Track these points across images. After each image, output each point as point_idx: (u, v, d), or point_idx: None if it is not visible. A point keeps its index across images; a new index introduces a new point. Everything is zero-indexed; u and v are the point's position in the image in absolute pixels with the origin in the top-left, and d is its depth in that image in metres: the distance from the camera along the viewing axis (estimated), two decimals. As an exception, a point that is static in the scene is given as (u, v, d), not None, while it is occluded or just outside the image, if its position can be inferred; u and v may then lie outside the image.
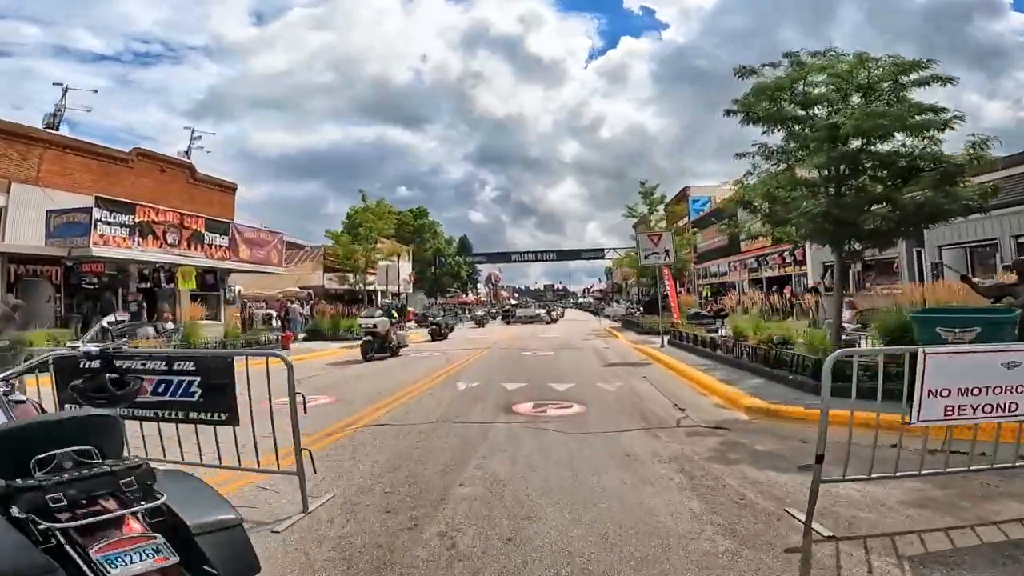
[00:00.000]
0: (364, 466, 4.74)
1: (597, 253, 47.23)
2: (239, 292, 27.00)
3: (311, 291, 31.63)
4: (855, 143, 9.31)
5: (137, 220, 16.50)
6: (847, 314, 13.39)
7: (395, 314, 15.61)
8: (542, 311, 35.41)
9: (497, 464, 4.66)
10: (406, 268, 41.25)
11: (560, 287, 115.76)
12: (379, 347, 13.77)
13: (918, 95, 8.91)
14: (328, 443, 5.53)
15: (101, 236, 15.54)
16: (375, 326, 13.88)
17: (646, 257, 14.63)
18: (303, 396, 3.75)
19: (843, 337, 10.67)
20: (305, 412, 3.62)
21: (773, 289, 25.32)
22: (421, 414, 6.81)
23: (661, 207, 29.26)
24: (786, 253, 23.70)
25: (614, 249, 47.49)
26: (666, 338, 14.82)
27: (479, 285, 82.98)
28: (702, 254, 34.70)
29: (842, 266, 10.03)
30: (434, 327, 21.85)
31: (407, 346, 15.42)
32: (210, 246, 18.89)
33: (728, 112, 10.43)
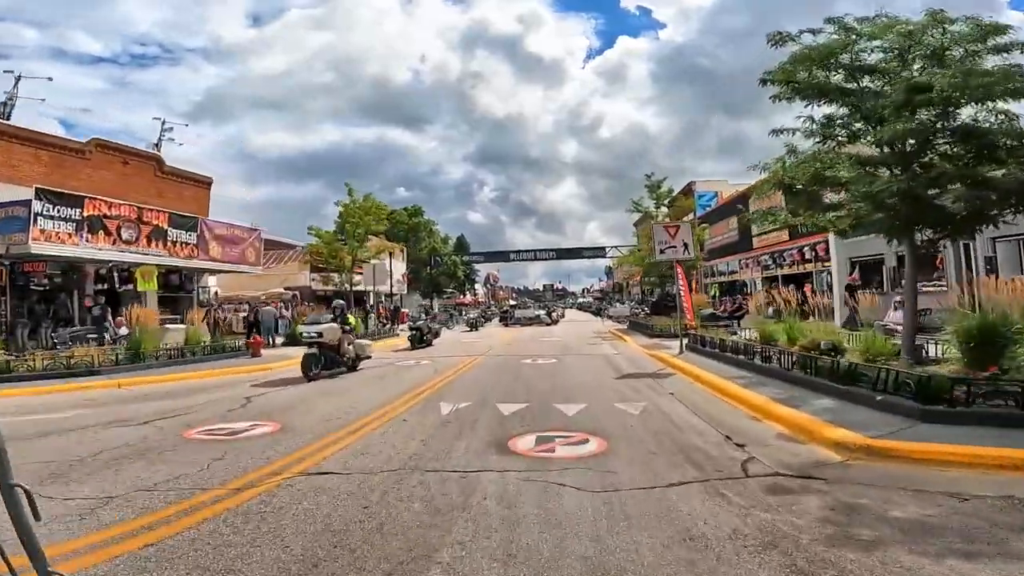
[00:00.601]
0: (263, 555, 2.91)
1: (598, 251, 45.46)
2: (215, 294, 25.17)
3: (296, 292, 29.81)
4: (925, 114, 7.69)
5: (86, 214, 14.66)
6: (901, 315, 11.59)
7: (351, 319, 12.52)
8: (542, 312, 33.45)
9: (481, 562, 2.82)
10: (399, 268, 39.39)
11: (559, 287, 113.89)
12: (328, 361, 11.02)
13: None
14: (232, 504, 3.71)
15: (42, 232, 13.69)
16: (321, 335, 10.91)
17: (662, 251, 12.79)
18: (24, 490, 1.83)
19: (898, 341, 8.93)
20: (38, 518, 1.66)
21: (790, 287, 23.54)
22: (383, 455, 4.96)
23: (667, 202, 27.49)
24: (806, 248, 21.88)
25: (616, 247, 45.75)
26: (683, 342, 12.98)
27: (477, 286, 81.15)
28: (709, 251, 32.89)
29: (915, 258, 8.30)
30: (414, 332, 18.52)
31: (368, 357, 12.48)
32: (174, 243, 17.04)
33: (764, 82, 8.82)
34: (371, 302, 37.30)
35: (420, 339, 18.32)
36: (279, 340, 20.18)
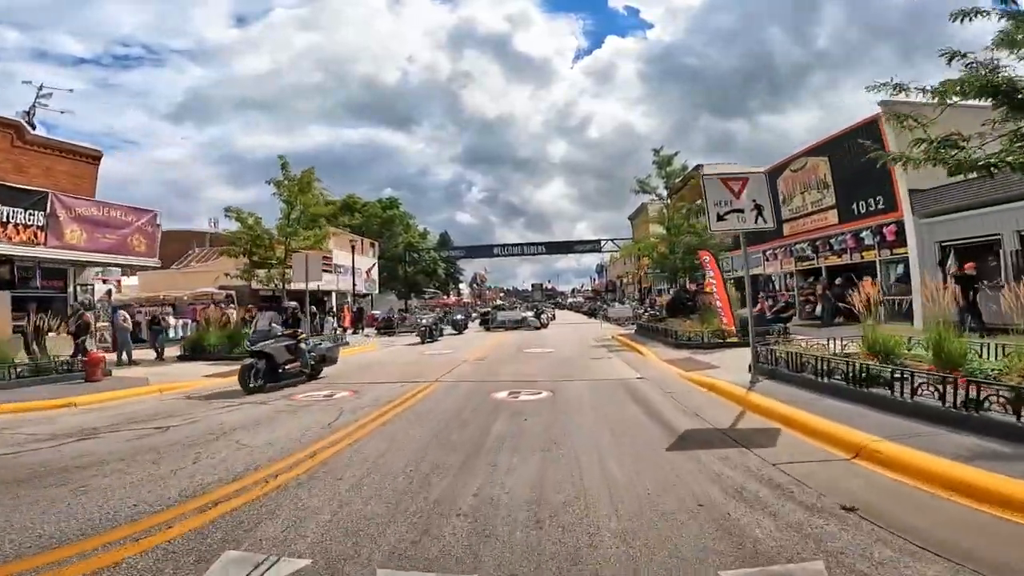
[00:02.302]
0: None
1: (593, 245, 40.92)
2: (108, 293, 20.01)
3: (232, 292, 24.76)
4: None
5: None
6: None
7: None
8: (529, 314, 28.38)
9: None
10: (364, 263, 34.30)
11: (549, 287, 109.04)
12: None
13: None
14: None
15: None
16: None
17: (720, 217, 7.92)
18: None
19: None
20: None
21: (836, 282, 18.95)
22: None
23: (680, 180, 22.76)
24: (865, 232, 17.20)
25: (612, 240, 41.15)
26: (754, 360, 8.12)
27: (461, 285, 76.11)
28: (720, 242, 28.19)
29: None
30: (249, 366, 8.91)
31: None
32: (3, 225, 11.97)
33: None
34: (331, 303, 32.24)
35: (273, 375, 9.16)
36: (173, 353, 15.14)
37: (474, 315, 35.39)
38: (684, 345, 13.33)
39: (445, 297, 62.24)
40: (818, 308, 17.91)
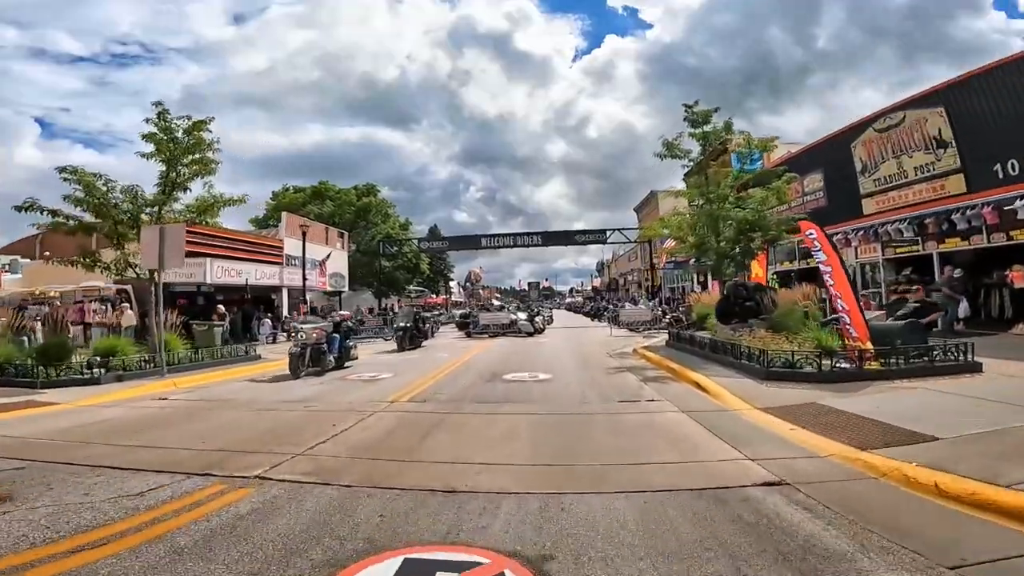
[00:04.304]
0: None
1: (597, 236, 35.26)
2: None
3: (127, 289, 18.97)
4: None
5: None
6: None
7: None
8: (521, 316, 22.51)
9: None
10: (321, 252, 28.42)
11: (546, 284, 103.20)
12: None
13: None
14: None
15: None
16: None
17: None
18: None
19: None
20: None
21: (955, 274, 13.30)
22: None
23: (720, 143, 17.00)
24: (1020, 202, 11.45)
25: (619, 230, 35.48)
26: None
27: (452, 284, 70.30)
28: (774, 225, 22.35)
29: None
30: None
31: None
32: None
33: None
34: (282, 302, 26.50)
35: None
36: None
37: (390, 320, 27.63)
38: (782, 376, 7.64)
39: (433, 296, 56.46)
40: (956, 308, 12.22)
